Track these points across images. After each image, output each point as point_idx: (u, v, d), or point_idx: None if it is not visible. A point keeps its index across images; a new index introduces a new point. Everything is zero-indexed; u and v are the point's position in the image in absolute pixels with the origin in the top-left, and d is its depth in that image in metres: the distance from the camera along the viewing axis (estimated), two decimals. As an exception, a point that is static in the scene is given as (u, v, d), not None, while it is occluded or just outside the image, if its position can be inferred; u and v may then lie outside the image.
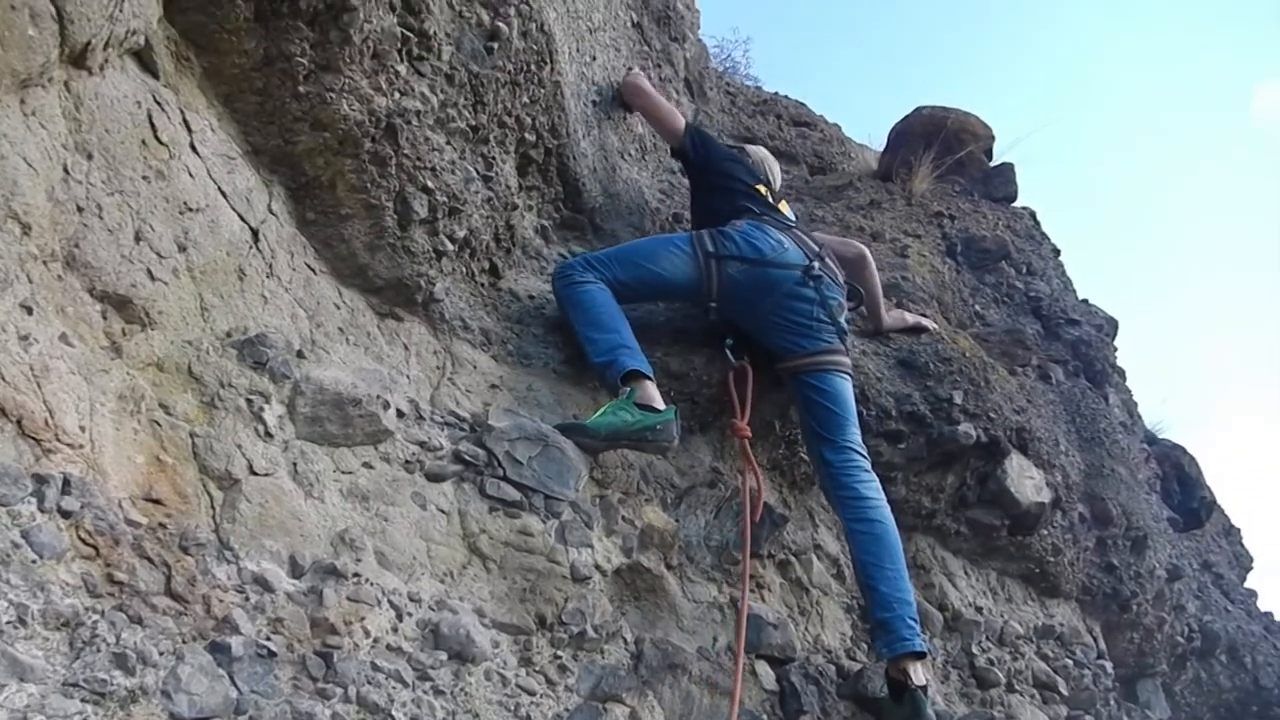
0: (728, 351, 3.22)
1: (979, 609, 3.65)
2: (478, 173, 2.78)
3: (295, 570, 2.11)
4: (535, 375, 3.00)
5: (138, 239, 2.08)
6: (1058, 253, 5.54)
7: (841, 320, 3.28)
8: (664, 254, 3.17)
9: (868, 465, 3.11)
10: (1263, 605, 6.00)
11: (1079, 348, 5.06)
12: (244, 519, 2.11)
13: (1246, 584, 6.12)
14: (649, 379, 2.85)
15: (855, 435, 3.14)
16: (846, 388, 3.20)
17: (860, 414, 3.50)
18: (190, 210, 2.20)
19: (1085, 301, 5.49)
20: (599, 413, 2.78)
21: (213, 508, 2.10)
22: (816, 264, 3.24)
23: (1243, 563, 6.22)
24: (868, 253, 3.77)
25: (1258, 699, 5.26)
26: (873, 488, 3.05)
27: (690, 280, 3.15)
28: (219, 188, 2.30)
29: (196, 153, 2.26)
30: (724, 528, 3.06)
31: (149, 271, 2.12)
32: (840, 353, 3.23)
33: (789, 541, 3.23)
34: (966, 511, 3.85)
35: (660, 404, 2.80)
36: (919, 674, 2.76)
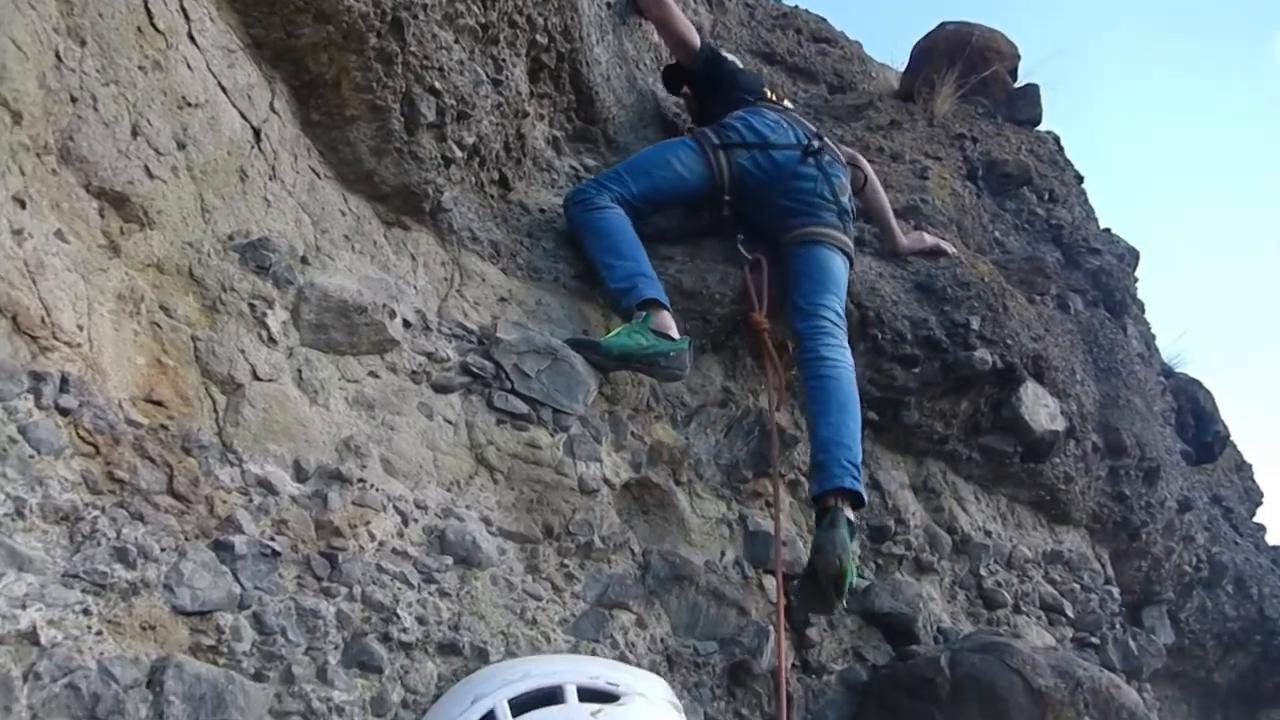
0: (740, 248, 3.18)
1: (988, 533, 3.63)
2: (487, 76, 2.68)
3: (299, 474, 2.08)
4: (545, 290, 2.94)
5: (135, 133, 2.01)
6: (1080, 180, 5.41)
7: (844, 200, 3.27)
8: (673, 157, 3.14)
9: (838, 334, 3.05)
10: (1271, 540, 5.99)
11: (1099, 277, 4.98)
12: (247, 423, 2.08)
13: (1256, 518, 6.11)
14: (666, 308, 2.80)
15: (830, 302, 3.08)
16: (833, 259, 3.17)
17: (874, 336, 3.46)
18: (189, 105, 2.13)
19: (1107, 231, 5.38)
20: (613, 333, 2.73)
21: (215, 411, 2.06)
22: (816, 142, 3.25)
23: (1253, 498, 6.20)
24: (867, 167, 3.68)
25: (1261, 629, 5.28)
26: (835, 350, 2.99)
27: (703, 178, 3.15)
28: (219, 82, 2.21)
29: (195, 43, 2.17)
30: (734, 447, 3.03)
31: (147, 168, 2.05)
32: (836, 229, 3.21)
33: (799, 462, 3.19)
34: (979, 438, 3.81)
35: (676, 333, 2.75)
36: (846, 509, 2.72)
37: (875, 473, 3.42)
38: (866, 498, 2.82)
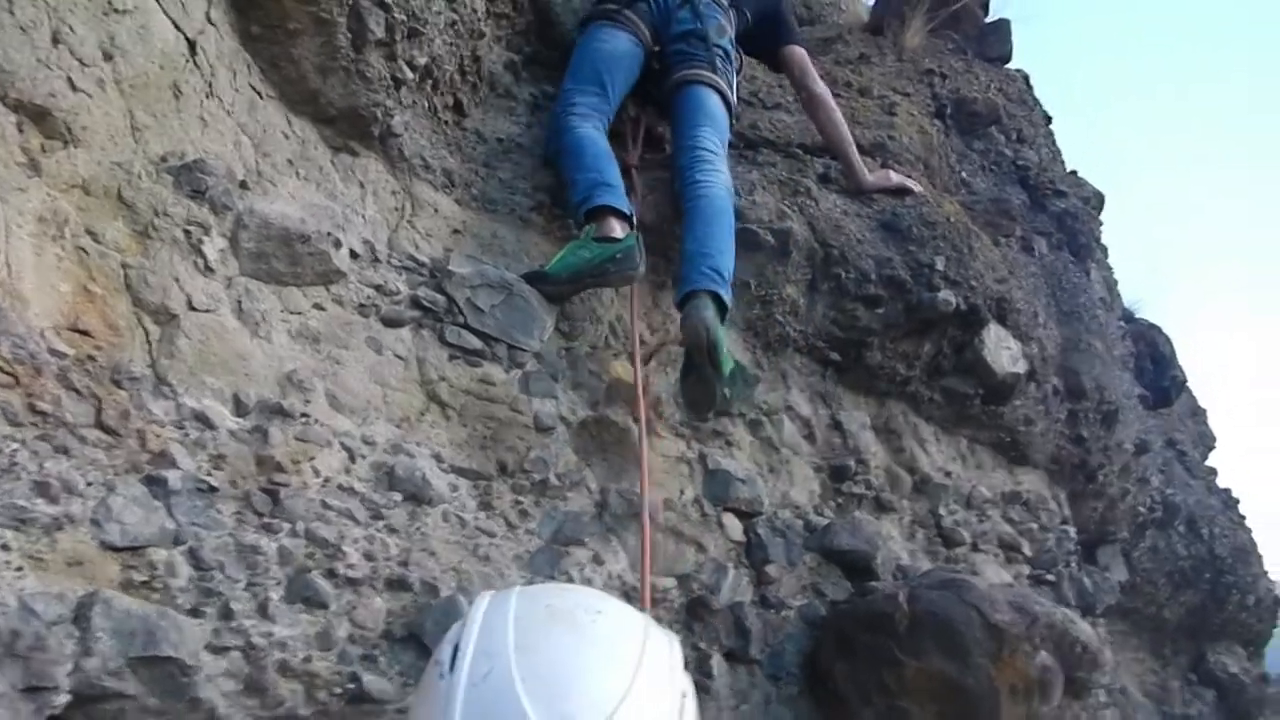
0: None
1: (948, 473, 3.62)
2: (440, -10, 2.54)
3: (239, 409, 1.99)
4: (500, 222, 2.83)
5: (55, 41, 1.87)
6: (1049, 120, 5.35)
7: (723, 43, 3.26)
8: (599, 42, 3.10)
9: (713, 160, 3.00)
10: (1221, 482, 6.09)
11: (1064, 220, 4.94)
12: (183, 355, 1.98)
13: (1208, 462, 6.20)
14: (615, 213, 2.70)
15: (705, 135, 3.05)
16: (708, 97, 3.15)
17: (838, 275, 3.40)
18: (116, 12, 1.98)
19: (1073, 173, 5.33)
20: (557, 256, 2.65)
21: (148, 342, 1.96)
22: None
23: (1206, 442, 6.29)
24: (821, 94, 3.56)
25: (1211, 567, 5.39)
26: (708, 173, 2.95)
27: (632, 39, 3.14)
28: (148, -11, 2.07)
29: (120, -52, 2.02)
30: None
31: (70, 80, 1.91)
32: (708, 69, 3.19)
33: (760, 402, 3.15)
34: (941, 380, 3.78)
35: (620, 234, 2.65)
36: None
37: (836, 413, 3.39)
38: (729, 305, 2.75)
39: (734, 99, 3.32)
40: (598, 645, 1.09)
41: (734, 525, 2.80)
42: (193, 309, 2.04)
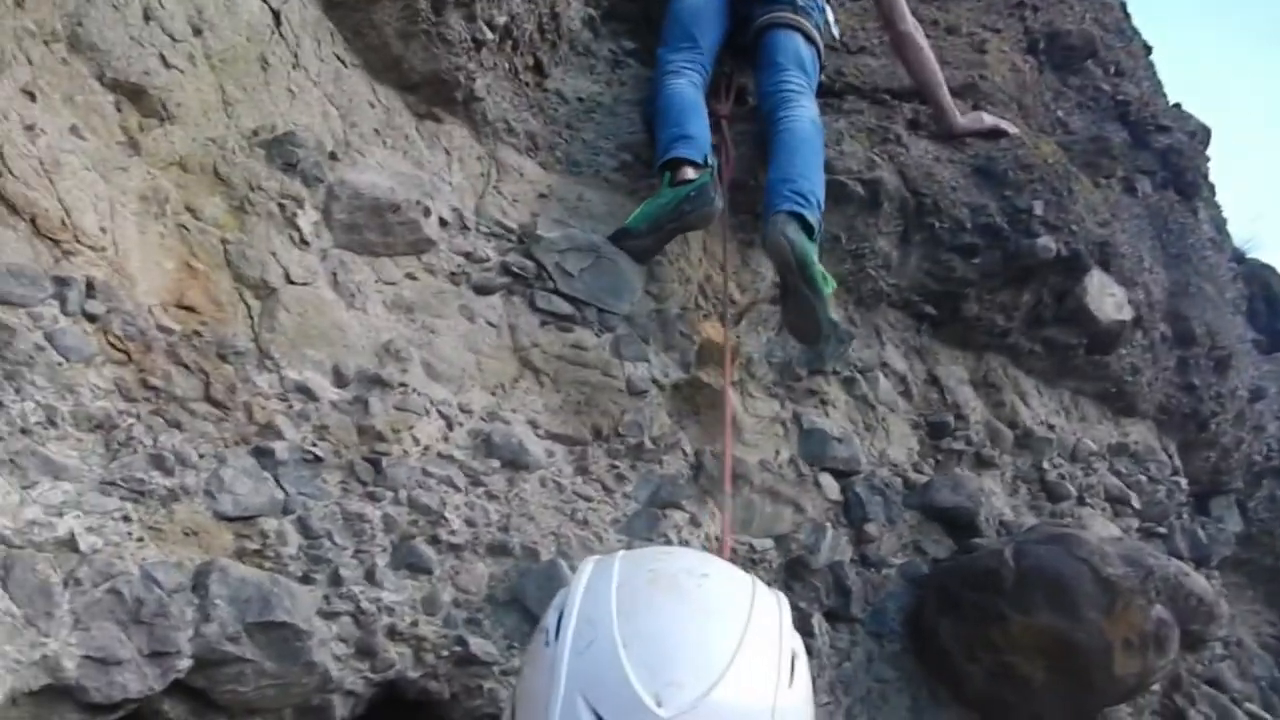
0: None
1: (1051, 426, 3.50)
2: (517, -51, 2.51)
3: (339, 380, 2.01)
4: (586, 184, 2.81)
5: (147, 18, 1.90)
6: (1149, 51, 5.07)
7: None
8: None
9: (798, 98, 2.92)
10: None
11: (1169, 157, 4.70)
12: (283, 328, 2.01)
13: (1327, 408, 5.90)
14: (689, 162, 2.64)
15: (789, 75, 2.97)
16: (788, 38, 3.07)
17: (931, 225, 3.29)
18: (202, -14, 2.00)
19: (1177, 106, 5.05)
20: (636, 211, 2.62)
21: (250, 317, 1.99)
22: None
23: (1325, 387, 5.99)
24: (910, 33, 3.38)
25: (1332, 519, 5.14)
26: (793, 108, 2.87)
27: None
28: (232, -40, 2.08)
29: (203, -82, 2.03)
30: (787, 344, 2.91)
31: (162, 57, 1.94)
32: (788, 11, 3.10)
33: (854, 359, 3.08)
34: (1042, 330, 3.65)
35: (694, 177, 2.60)
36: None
37: (933, 368, 3.30)
38: (819, 228, 2.67)
39: (821, 39, 3.21)
40: (703, 610, 1.06)
41: (831, 485, 2.76)
42: (291, 282, 2.06)
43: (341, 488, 1.86)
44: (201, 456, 1.69)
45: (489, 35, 2.49)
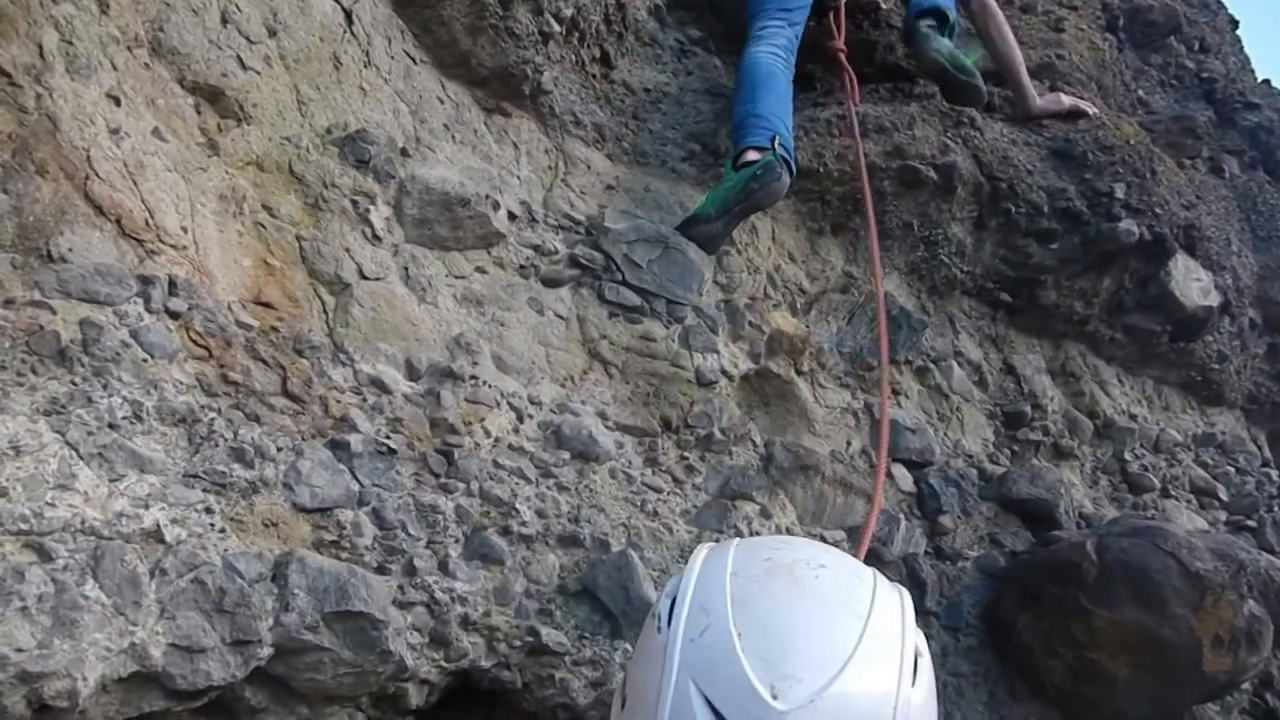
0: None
1: (1133, 416, 3.40)
2: (582, -59, 2.51)
3: (411, 373, 2.04)
4: (653, 175, 2.80)
5: (224, 21, 1.94)
6: (1235, 25, 4.86)
7: None
8: None
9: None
10: None
11: (1257, 136, 4.51)
12: (357, 323, 2.04)
13: None
14: (754, 147, 2.61)
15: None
16: None
17: (1007, 210, 3.21)
18: (275, -12, 2.04)
19: (1266, 82, 4.84)
20: (703, 197, 2.61)
21: (325, 312, 2.03)
22: None
23: None
24: (991, 4, 3.34)
25: None
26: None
27: None
28: (304, -38, 2.12)
29: (274, -80, 2.07)
30: (857, 334, 2.87)
31: (239, 59, 1.99)
32: None
33: (927, 348, 3.02)
34: (1124, 317, 3.53)
35: (756, 158, 2.57)
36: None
37: (1009, 357, 3.22)
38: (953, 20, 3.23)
39: None
40: (822, 601, 1.03)
41: (904, 476, 2.71)
42: (364, 278, 2.10)
43: (415, 479, 1.89)
44: (280, 449, 1.73)
45: (556, 28, 2.50)
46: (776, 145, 2.58)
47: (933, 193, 3.09)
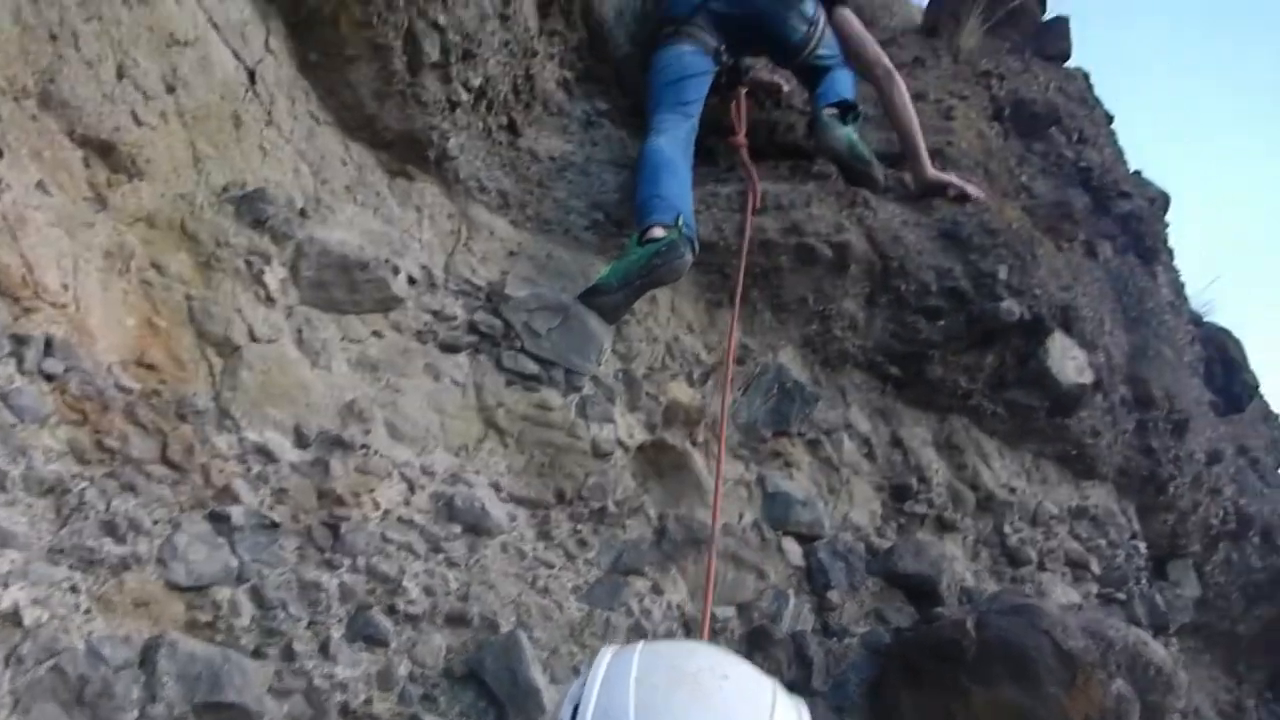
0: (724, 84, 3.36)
1: (1012, 490, 3.52)
2: (494, 9, 2.52)
3: (300, 440, 1.99)
4: (556, 242, 2.81)
5: (120, 75, 1.89)
6: (1110, 119, 5.18)
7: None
8: (665, 61, 3.14)
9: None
10: (1297, 491, 5.87)
11: (1129, 223, 4.78)
12: (245, 387, 1.99)
13: (1282, 469, 5.99)
14: (659, 224, 2.67)
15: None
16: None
17: (897, 288, 3.32)
18: (178, 43, 2.00)
19: (1137, 173, 5.16)
20: (607, 268, 2.64)
21: (212, 375, 1.97)
22: None
23: (1279, 448, 6.07)
24: (891, 74, 3.53)
25: (1287, 581, 5.19)
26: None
27: (696, 49, 3.18)
28: (210, 19, 2.08)
29: (182, -22, 2.03)
30: (752, 405, 2.92)
31: (134, 114, 1.93)
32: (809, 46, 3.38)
33: (819, 420, 3.09)
34: (1005, 392, 3.68)
35: (663, 234, 2.63)
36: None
37: (897, 430, 3.32)
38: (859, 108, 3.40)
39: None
40: (723, 713, 1.03)
41: (794, 550, 2.75)
42: (255, 340, 2.05)
43: (298, 554, 1.84)
44: (155, 522, 1.66)
45: (464, 96, 2.51)
46: (681, 224, 2.64)
47: (827, 269, 3.18)
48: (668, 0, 3.25)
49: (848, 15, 3.60)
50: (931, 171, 3.54)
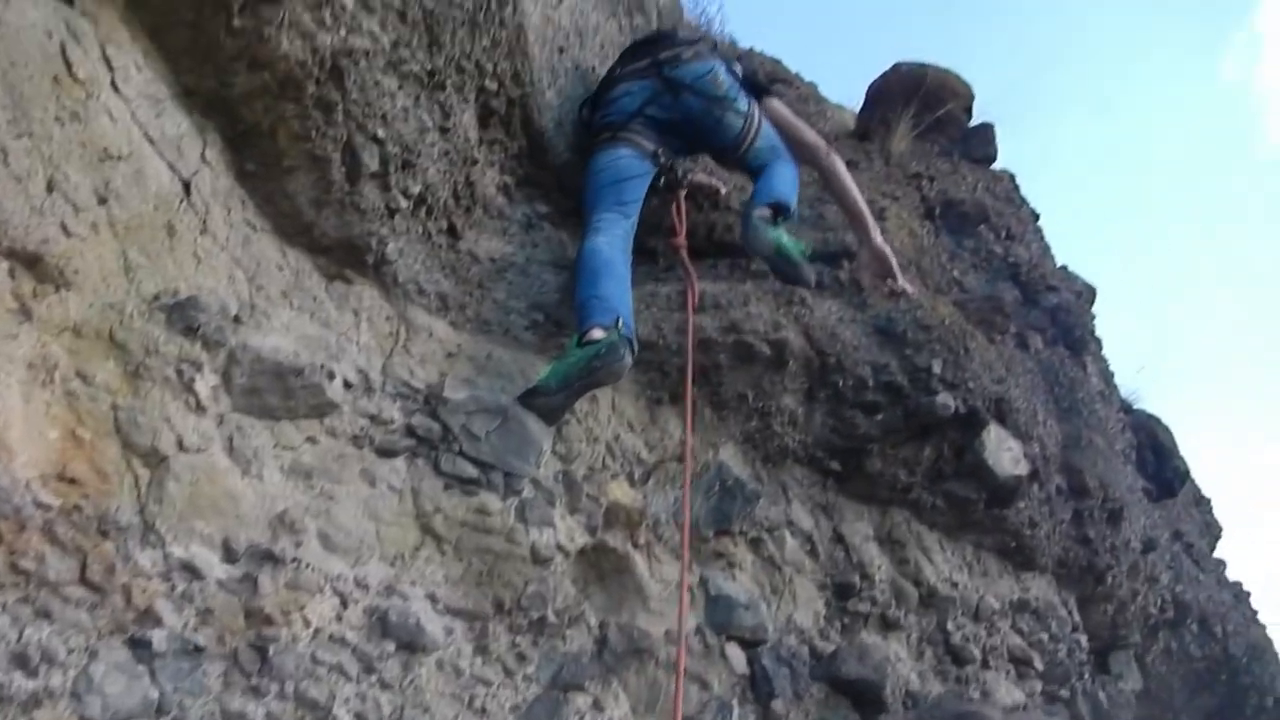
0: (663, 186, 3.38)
1: (954, 584, 3.55)
2: (434, 123, 2.57)
3: (229, 555, 1.94)
4: (496, 343, 2.82)
5: (50, 189, 1.88)
6: (1036, 217, 5.40)
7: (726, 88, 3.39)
8: (602, 165, 3.19)
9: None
10: (1231, 574, 5.98)
11: (1058, 315, 4.95)
12: (172, 500, 1.93)
13: (1216, 553, 6.10)
14: (600, 326, 2.69)
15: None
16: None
17: (835, 384, 3.38)
18: (111, 158, 1.99)
19: (1064, 268, 5.37)
20: (546, 369, 2.64)
21: (137, 488, 1.92)
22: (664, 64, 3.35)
23: (1213, 532, 6.20)
24: (829, 152, 3.65)
25: (1226, 667, 5.25)
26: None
27: (635, 153, 3.22)
28: (145, 133, 2.08)
29: (119, 93, 2.04)
30: (694, 504, 2.92)
31: (63, 226, 1.91)
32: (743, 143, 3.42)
33: (761, 518, 3.09)
34: (943, 484, 3.73)
35: (602, 336, 2.64)
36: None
37: (839, 525, 3.33)
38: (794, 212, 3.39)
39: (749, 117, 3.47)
40: None
41: (738, 656, 2.72)
42: (183, 450, 2.00)
43: (223, 681, 1.77)
44: (70, 651, 1.59)
45: (403, 203, 2.53)
46: (620, 326, 2.66)
47: (766, 366, 3.23)
48: (604, 108, 3.32)
49: (777, 104, 3.72)
50: (879, 240, 3.64)
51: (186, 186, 2.14)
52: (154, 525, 1.87)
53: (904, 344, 3.59)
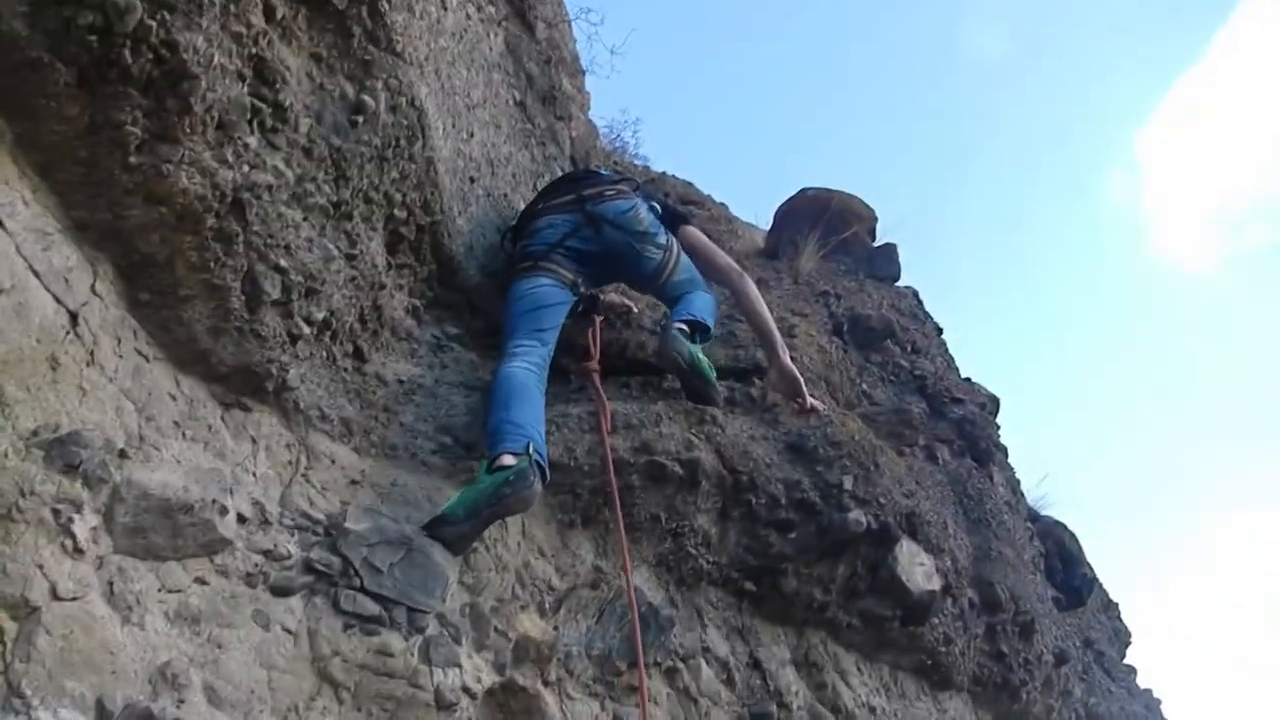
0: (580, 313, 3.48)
1: (872, 709, 3.50)
2: (340, 251, 2.54)
3: (102, 717, 1.79)
4: (402, 468, 2.74)
5: (-82, 326, 1.78)
6: (940, 331, 5.59)
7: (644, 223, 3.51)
8: (522, 293, 3.24)
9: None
10: (1141, 681, 6.07)
11: (964, 426, 5.08)
12: (41, 656, 1.79)
13: (1126, 660, 6.19)
14: (511, 452, 2.64)
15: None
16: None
17: (749, 502, 3.38)
18: (-9, 292, 1.90)
19: (968, 380, 5.54)
20: (453, 497, 2.57)
21: (2, 644, 1.77)
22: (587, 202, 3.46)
23: (1122, 638, 6.31)
24: (742, 276, 3.72)
25: (1141, 781, 5.28)
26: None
27: (554, 282, 3.29)
28: (30, 266, 2.00)
29: (3, 228, 1.96)
30: (607, 634, 2.84)
31: (-68, 365, 1.81)
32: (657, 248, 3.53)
33: (676, 645, 3.02)
34: (858, 602, 3.73)
35: (512, 462, 2.60)
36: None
37: (755, 649, 3.28)
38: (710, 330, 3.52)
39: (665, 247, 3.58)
40: None
41: (653, 796, 2.62)
42: (57, 598, 1.86)
43: None
44: (-90, 839, 1.43)
45: (306, 329, 2.47)
46: (531, 452, 2.62)
47: (679, 486, 3.21)
48: (527, 239, 3.37)
49: (693, 231, 3.83)
50: (787, 361, 3.68)
51: (74, 318, 2.05)
52: (18, 687, 1.73)
53: (815, 460, 3.62)
